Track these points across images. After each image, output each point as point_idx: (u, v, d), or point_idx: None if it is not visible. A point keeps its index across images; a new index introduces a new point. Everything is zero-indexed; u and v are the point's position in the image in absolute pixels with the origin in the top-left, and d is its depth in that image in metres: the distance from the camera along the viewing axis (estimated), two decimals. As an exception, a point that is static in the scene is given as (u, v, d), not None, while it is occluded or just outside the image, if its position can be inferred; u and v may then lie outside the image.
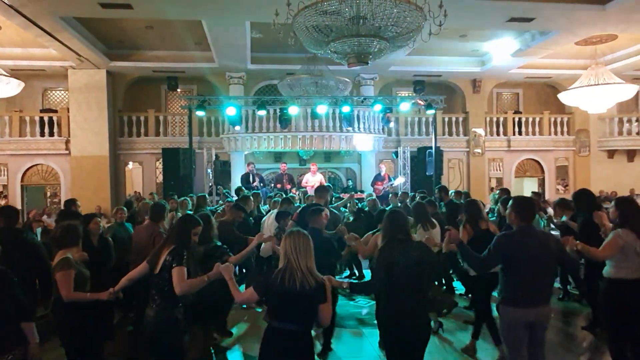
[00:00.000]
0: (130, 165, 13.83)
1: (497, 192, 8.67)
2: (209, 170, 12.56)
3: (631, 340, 3.69)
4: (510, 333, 3.25)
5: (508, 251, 3.18)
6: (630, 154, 14.96)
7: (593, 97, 10.57)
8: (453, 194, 8.31)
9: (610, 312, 3.76)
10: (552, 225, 6.87)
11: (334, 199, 8.49)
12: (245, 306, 5.90)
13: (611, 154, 14.98)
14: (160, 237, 4.14)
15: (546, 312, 3.27)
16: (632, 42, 11.37)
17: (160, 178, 12.75)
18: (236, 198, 8.47)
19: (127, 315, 5.31)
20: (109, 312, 4.05)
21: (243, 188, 10.42)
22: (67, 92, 13.17)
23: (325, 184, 10.35)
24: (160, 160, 12.39)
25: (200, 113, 11.35)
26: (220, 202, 8.85)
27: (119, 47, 11.92)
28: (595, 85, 10.34)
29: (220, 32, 9.83)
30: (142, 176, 13.63)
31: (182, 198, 8.08)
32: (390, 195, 9.92)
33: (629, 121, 14.65)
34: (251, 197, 6.91)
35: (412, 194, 9.60)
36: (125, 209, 6.48)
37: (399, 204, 8.04)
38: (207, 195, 8.91)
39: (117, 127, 13.26)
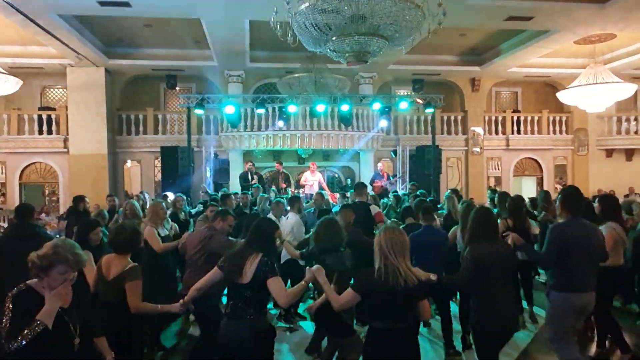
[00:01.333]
0: (129, 163, 13.82)
1: (490, 190, 8.70)
2: (208, 169, 12.57)
3: None
4: (565, 318, 3.49)
5: (562, 241, 3.42)
6: (629, 153, 14.99)
7: (592, 96, 10.58)
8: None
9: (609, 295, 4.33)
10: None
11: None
12: None
13: (609, 152, 15.00)
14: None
15: (593, 299, 3.52)
16: (631, 41, 11.37)
17: (159, 176, 12.75)
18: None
19: None
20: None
21: (241, 187, 10.46)
22: (65, 90, 13.14)
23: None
24: (159, 158, 12.39)
25: (199, 111, 11.35)
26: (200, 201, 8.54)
27: (117, 45, 11.90)
28: (593, 84, 10.34)
29: (219, 31, 9.83)
30: (140, 174, 13.62)
31: (178, 194, 7.75)
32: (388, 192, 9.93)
33: (628, 120, 14.67)
34: (232, 195, 6.91)
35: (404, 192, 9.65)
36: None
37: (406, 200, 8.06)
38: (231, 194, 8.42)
39: (115, 126, 13.24)
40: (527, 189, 14.42)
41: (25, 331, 2.13)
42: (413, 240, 3.31)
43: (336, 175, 14.52)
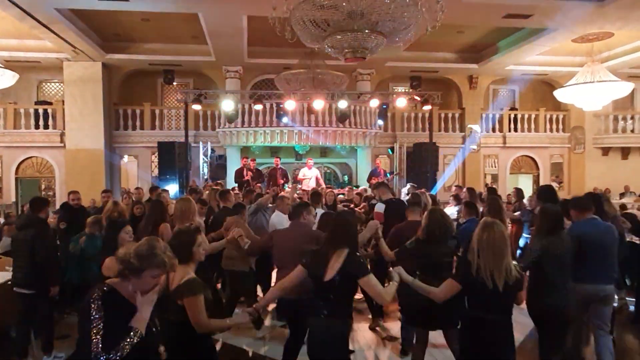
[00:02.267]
0: (126, 158, 13.78)
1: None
2: (205, 164, 12.56)
3: None
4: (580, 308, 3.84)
5: (578, 237, 3.75)
6: (625, 152, 15.06)
7: (588, 94, 10.60)
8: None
9: None
10: None
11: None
12: None
13: (606, 151, 15.07)
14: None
15: (611, 290, 3.93)
16: (628, 40, 11.40)
17: (156, 172, 12.72)
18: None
19: None
20: None
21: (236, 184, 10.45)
22: (62, 84, 13.08)
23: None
24: (156, 153, 12.36)
25: (196, 107, 11.32)
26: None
27: (114, 40, 11.84)
28: (591, 82, 10.37)
29: (217, 26, 9.79)
30: (137, 170, 13.59)
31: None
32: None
33: (624, 119, 14.73)
34: (231, 191, 6.87)
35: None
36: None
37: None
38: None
39: (112, 120, 13.20)
40: (523, 187, 14.45)
41: (126, 341, 2.00)
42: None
43: (333, 172, 14.53)
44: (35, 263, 4.29)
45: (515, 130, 14.72)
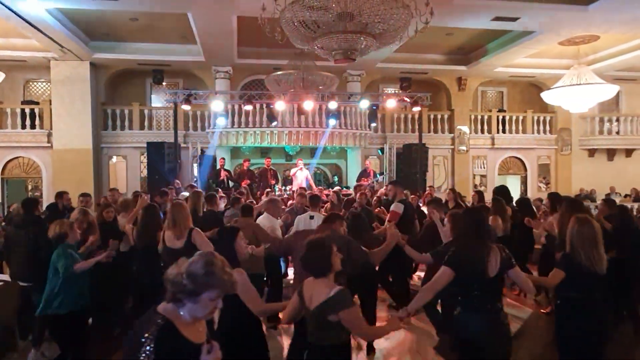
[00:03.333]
0: (114, 159, 13.67)
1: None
2: (194, 165, 12.49)
3: None
4: None
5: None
6: (610, 153, 15.30)
7: (575, 96, 10.76)
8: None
9: None
10: None
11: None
12: None
13: (592, 152, 15.29)
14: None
15: None
16: (614, 43, 11.59)
17: (145, 172, 12.63)
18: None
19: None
20: None
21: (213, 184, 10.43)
22: (49, 83, 12.92)
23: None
24: (145, 154, 12.27)
25: (186, 107, 11.27)
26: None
27: (102, 39, 11.74)
28: (577, 85, 10.53)
29: (207, 26, 9.75)
30: (126, 170, 13.48)
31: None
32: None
33: (610, 121, 14.97)
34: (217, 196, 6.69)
35: None
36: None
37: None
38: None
39: (100, 120, 13.07)
40: (512, 188, 14.61)
41: None
42: None
43: (323, 173, 14.55)
44: (38, 259, 4.45)
45: (504, 131, 14.88)
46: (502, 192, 6.78)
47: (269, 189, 10.08)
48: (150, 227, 4.63)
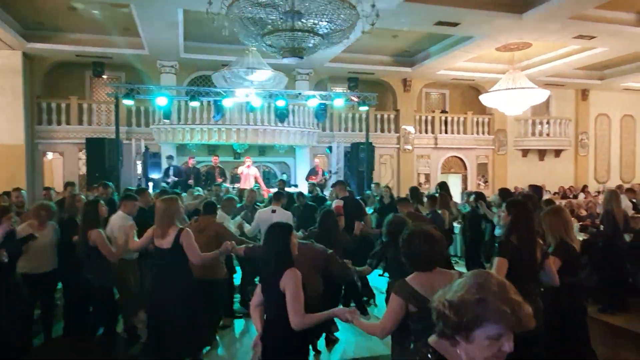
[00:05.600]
0: (50, 155, 12.90)
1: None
2: (138, 163, 12.07)
3: None
4: None
5: None
6: (542, 153, 16.40)
7: (510, 99, 11.46)
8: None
9: None
10: None
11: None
12: None
13: (525, 152, 16.32)
14: None
15: None
16: (544, 50, 12.43)
17: (84, 170, 12.03)
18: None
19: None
20: None
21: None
22: (-25, 74, 11.98)
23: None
24: (84, 150, 11.68)
25: (128, 102, 10.84)
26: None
27: (37, 28, 11.05)
28: (512, 89, 11.21)
29: (151, 18, 9.43)
30: (62, 167, 12.77)
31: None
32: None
33: (541, 123, 16.04)
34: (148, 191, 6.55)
35: None
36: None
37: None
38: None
39: (34, 114, 12.29)
40: (453, 186, 15.29)
41: None
42: None
43: (272, 171, 14.53)
44: None
45: (446, 132, 15.52)
46: (445, 187, 7.20)
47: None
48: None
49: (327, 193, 9.73)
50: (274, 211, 5.72)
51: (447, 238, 5.83)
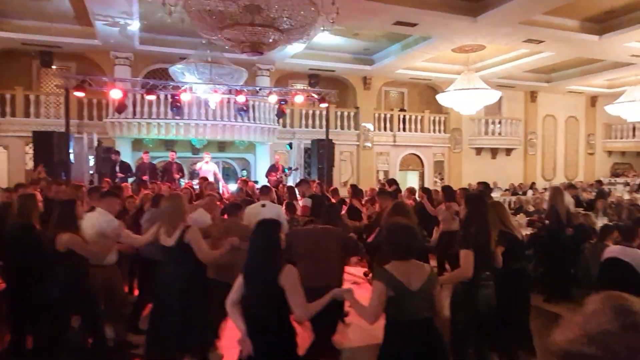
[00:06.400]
0: (-7, 149, 12.16)
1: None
2: (90, 157, 11.59)
3: None
4: None
5: None
6: (494, 152, 17.08)
7: (465, 99, 11.87)
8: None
9: None
10: None
11: None
12: None
13: (478, 151, 16.94)
14: None
15: None
16: (497, 53, 12.95)
17: (31, 164, 11.41)
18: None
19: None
20: None
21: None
22: None
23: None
24: (31, 144, 11.08)
25: (79, 94, 10.37)
26: None
27: (-22, 13, 10.39)
28: (466, 89, 11.61)
29: (103, 7, 9.06)
30: (7, 162, 12.06)
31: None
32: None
33: (493, 123, 16.70)
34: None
35: None
36: None
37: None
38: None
39: (-25, 105, 11.56)
40: (411, 182, 15.70)
41: None
42: None
43: (232, 167, 14.34)
44: None
45: (404, 130, 15.86)
46: (396, 183, 7.51)
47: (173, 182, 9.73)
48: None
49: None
50: (263, 205, 5.57)
51: None
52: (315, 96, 12.28)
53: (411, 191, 8.20)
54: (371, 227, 5.74)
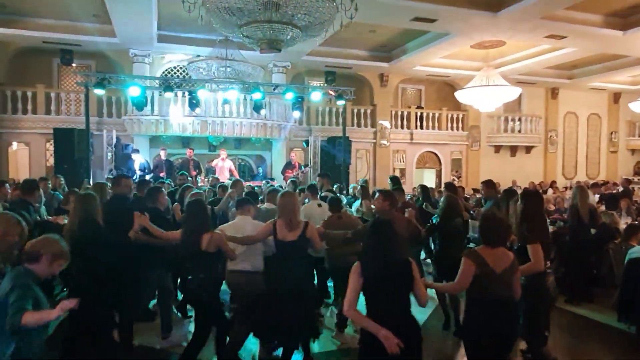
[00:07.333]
0: (15, 145, 12.41)
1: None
2: (109, 154, 11.74)
3: None
4: None
5: None
6: (513, 149, 16.80)
7: (484, 96, 11.67)
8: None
9: None
10: None
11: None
12: None
13: (497, 148, 16.68)
14: None
15: None
16: (517, 49, 12.69)
17: (51, 161, 11.62)
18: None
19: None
20: None
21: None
22: None
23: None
24: (52, 141, 11.28)
25: (99, 91, 10.48)
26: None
27: (0, 12, 10.57)
28: (486, 86, 11.42)
29: (122, 5, 9.13)
30: (28, 158, 12.30)
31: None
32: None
33: (513, 120, 16.41)
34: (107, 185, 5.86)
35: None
36: None
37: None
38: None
39: (-2, 103, 11.80)
40: (428, 181, 15.54)
41: None
42: None
43: (248, 164, 14.39)
44: None
45: (421, 127, 15.70)
46: (398, 182, 7.49)
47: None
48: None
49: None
50: (319, 205, 5.83)
51: None
52: (332, 93, 12.21)
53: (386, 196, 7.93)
54: None
